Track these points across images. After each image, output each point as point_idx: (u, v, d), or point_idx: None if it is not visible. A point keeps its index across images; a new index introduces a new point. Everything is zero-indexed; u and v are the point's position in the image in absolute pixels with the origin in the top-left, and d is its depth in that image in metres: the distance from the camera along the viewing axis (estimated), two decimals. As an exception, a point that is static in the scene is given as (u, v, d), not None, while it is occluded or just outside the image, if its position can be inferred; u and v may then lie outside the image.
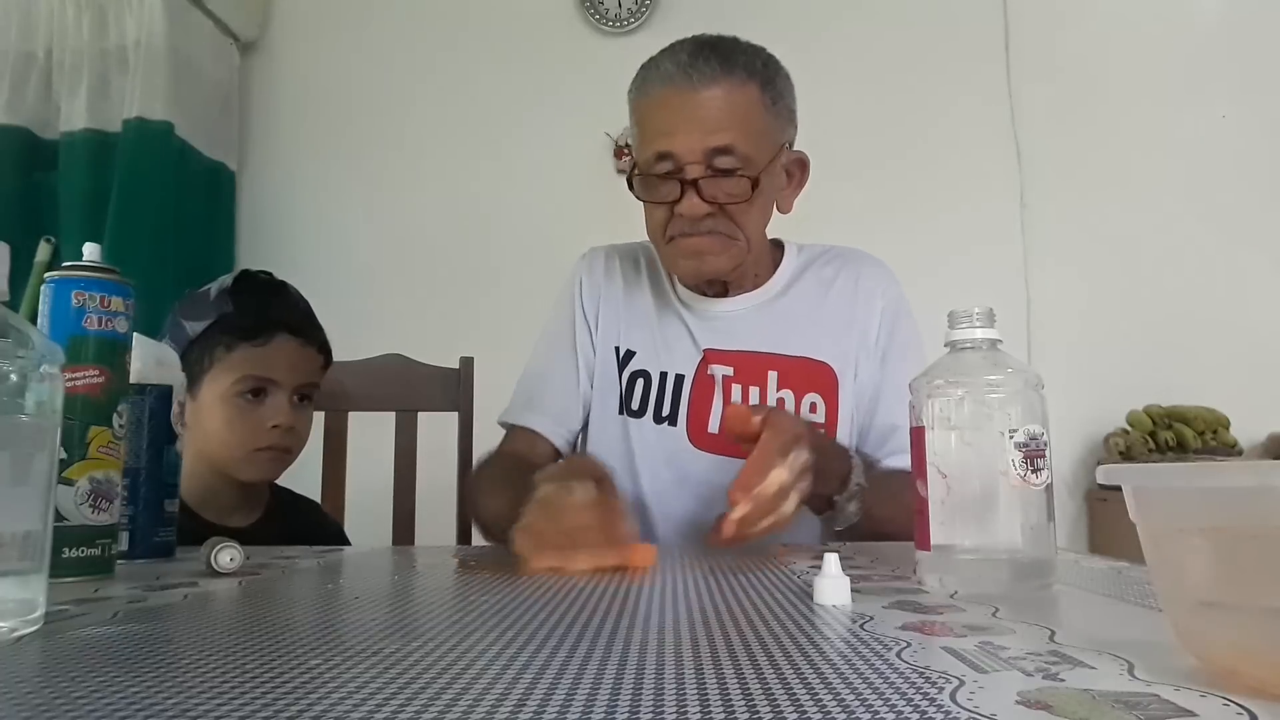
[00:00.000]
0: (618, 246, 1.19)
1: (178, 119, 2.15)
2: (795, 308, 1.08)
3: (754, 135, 0.95)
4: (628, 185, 1.00)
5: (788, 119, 1.02)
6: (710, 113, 0.93)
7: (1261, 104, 2.35)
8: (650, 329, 1.10)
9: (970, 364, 0.59)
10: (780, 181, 1.03)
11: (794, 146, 1.05)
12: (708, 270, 1.01)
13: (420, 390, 1.42)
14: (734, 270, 1.03)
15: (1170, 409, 2.19)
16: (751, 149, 0.95)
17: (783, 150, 1.01)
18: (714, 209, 0.95)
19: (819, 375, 1.05)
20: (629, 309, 1.12)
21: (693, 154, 0.94)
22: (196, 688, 0.33)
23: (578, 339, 1.12)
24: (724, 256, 0.99)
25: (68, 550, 0.63)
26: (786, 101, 1.01)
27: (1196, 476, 0.35)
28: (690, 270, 1.03)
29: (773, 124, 0.99)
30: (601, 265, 1.16)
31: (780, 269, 1.12)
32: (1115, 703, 0.29)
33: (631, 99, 1.01)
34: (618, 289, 1.14)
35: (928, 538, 0.58)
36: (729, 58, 0.96)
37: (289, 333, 1.10)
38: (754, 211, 0.99)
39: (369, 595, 0.60)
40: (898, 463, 1.00)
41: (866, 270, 1.10)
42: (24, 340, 0.46)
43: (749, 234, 1.00)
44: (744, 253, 1.01)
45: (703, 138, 0.93)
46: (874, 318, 1.06)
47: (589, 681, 0.33)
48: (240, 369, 1.07)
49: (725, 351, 1.06)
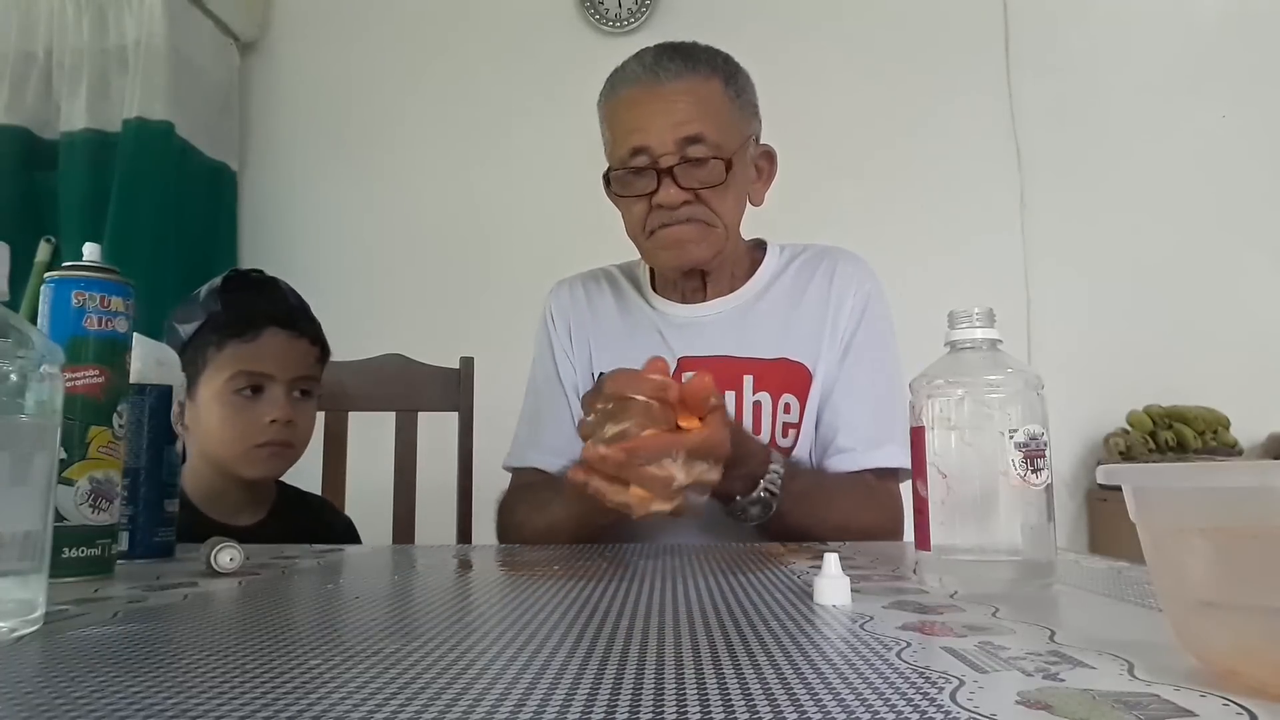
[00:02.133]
0: (582, 274, 1.22)
1: (178, 119, 2.15)
2: (772, 309, 1.09)
3: (722, 124, 1.00)
4: (604, 186, 1.04)
5: (751, 113, 1.06)
6: (679, 105, 0.98)
7: (1262, 103, 2.35)
8: (623, 348, 1.10)
9: (970, 364, 0.59)
10: (750, 174, 1.07)
11: (761, 140, 1.08)
12: (689, 259, 1.03)
13: (420, 390, 1.42)
14: (714, 258, 1.04)
15: (1170, 409, 2.19)
16: (721, 137, 0.99)
17: (749, 142, 1.05)
18: (690, 196, 0.99)
19: (795, 376, 1.05)
20: (601, 332, 1.14)
21: (665, 145, 0.98)
22: (196, 688, 0.33)
23: (561, 372, 1.14)
24: (704, 244, 1.02)
25: (68, 550, 0.63)
26: (749, 97, 1.06)
27: (1196, 476, 0.35)
28: (671, 260, 1.05)
29: (738, 115, 1.03)
30: (567, 296, 1.19)
31: (760, 271, 1.12)
32: (1115, 703, 0.29)
33: (601, 104, 1.06)
34: (585, 316, 1.16)
35: (928, 538, 0.58)
36: (691, 56, 1.01)
37: (277, 325, 1.10)
38: (729, 198, 1.01)
39: (369, 595, 0.60)
40: (839, 464, 1.01)
41: (841, 267, 1.10)
42: (24, 340, 0.46)
43: (726, 221, 1.02)
44: (722, 240, 1.03)
45: (674, 129, 0.97)
46: (844, 314, 1.07)
47: (589, 681, 0.33)
48: (232, 365, 1.07)
49: (699, 358, 1.06)
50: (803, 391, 1.05)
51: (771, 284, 1.11)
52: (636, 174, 1.00)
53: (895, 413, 1.01)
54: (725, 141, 0.99)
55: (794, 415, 1.04)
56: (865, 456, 1.00)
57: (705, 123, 0.98)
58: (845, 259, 1.12)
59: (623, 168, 1.01)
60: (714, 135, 0.98)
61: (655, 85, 0.99)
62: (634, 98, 1.00)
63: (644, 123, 0.99)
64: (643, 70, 1.00)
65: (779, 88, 2.31)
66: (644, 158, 0.99)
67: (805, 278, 1.10)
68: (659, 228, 1.01)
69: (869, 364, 1.05)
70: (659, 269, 1.12)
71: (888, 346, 1.08)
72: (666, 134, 0.97)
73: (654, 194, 0.99)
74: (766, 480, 0.86)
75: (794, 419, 1.04)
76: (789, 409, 1.04)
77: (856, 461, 1.00)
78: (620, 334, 1.13)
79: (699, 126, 0.97)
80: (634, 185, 1.01)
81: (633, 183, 1.01)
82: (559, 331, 1.16)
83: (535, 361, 1.19)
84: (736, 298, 1.11)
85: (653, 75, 0.99)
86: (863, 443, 1.00)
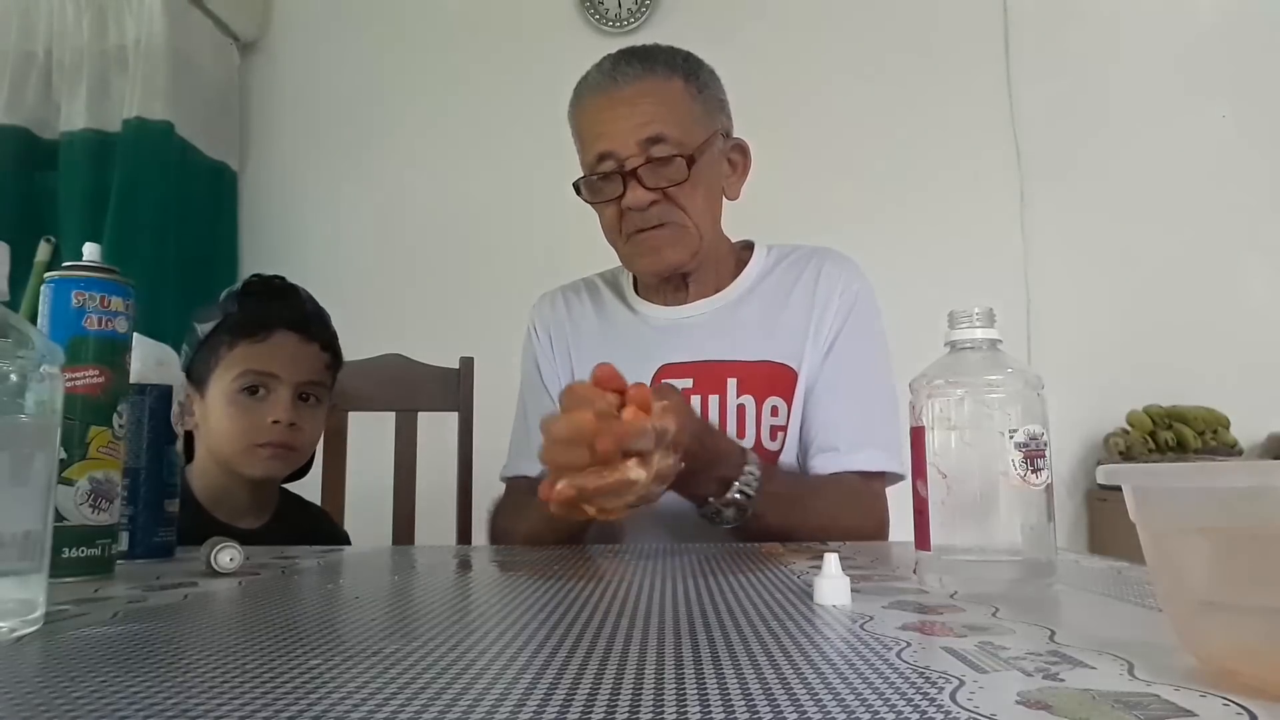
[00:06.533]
0: (563, 286, 1.23)
1: (178, 119, 2.15)
2: (757, 311, 1.08)
3: (683, 123, 1.00)
4: (576, 193, 1.04)
5: (717, 108, 1.07)
6: (638, 108, 0.99)
7: (1262, 104, 2.35)
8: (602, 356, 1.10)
9: (970, 364, 0.59)
10: (722, 169, 1.07)
11: (731, 135, 1.08)
12: (666, 263, 1.04)
13: (420, 390, 1.42)
14: (692, 259, 1.05)
15: (1170, 409, 2.19)
16: (683, 135, 1.00)
17: (717, 137, 1.05)
18: (658, 196, 1.00)
19: (780, 378, 1.04)
20: (581, 342, 1.15)
21: (628, 148, 0.99)
22: (196, 688, 0.33)
23: (545, 382, 1.15)
24: (680, 247, 1.03)
25: (68, 550, 0.63)
26: (713, 92, 1.06)
27: (1196, 476, 0.35)
28: (650, 266, 1.05)
29: (700, 112, 1.03)
30: (549, 308, 1.20)
31: (745, 271, 1.12)
32: (1115, 703, 0.29)
33: (569, 115, 1.07)
34: (565, 326, 1.16)
35: (928, 538, 0.58)
36: (649, 58, 1.03)
37: (289, 329, 1.11)
38: (698, 196, 1.02)
39: (369, 595, 0.60)
40: (821, 464, 1.00)
41: (828, 268, 1.09)
42: (24, 340, 0.46)
43: (697, 220, 1.02)
44: (696, 240, 1.03)
45: (635, 130, 0.99)
46: (829, 314, 1.06)
47: (589, 681, 0.33)
48: (240, 364, 1.09)
49: (682, 364, 1.06)
50: (789, 393, 1.04)
51: (757, 284, 1.11)
52: (604, 179, 1.01)
53: (880, 414, 1.01)
54: (688, 139, 1.00)
55: (781, 418, 1.03)
56: (847, 458, 0.99)
57: (666, 122, 0.99)
58: (833, 259, 1.11)
59: (591, 174, 1.02)
60: (676, 134, 0.99)
61: (615, 90, 1.00)
62: (596, 104, 1.02)
63: (606, 128, 1.00)
64: (602, 76, 1.02)
65: (778, 87, 2.33)
66: (610, 162, 1.00)
67: (792, 278, 1.10)
68: (634, 233, 1.02)
69: (853, 364, 1.04)
70: (638, 275, 1.13)
71: (874, 348, 1.07)
72: (629, 136, 0.98)
73: (622, 197, 1.00)
74: (741, 482, 0.84)
75: (781, 422, 1.03)
76: (776, 412, 1.03)
77: (838, 463, 0.99)
78: (600, 342, 1.13)
79: (660, 127, 0.98)
80: (603, 190, 1.02)
81: (601, 188, 1.02)
82: (542, 344, 1.17)
83: (522, 374, 1.20)
84: (721, 298, 1.10)
85: (611, 80, 1.01)
86: (845, 443, 1.00)
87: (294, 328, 1.12)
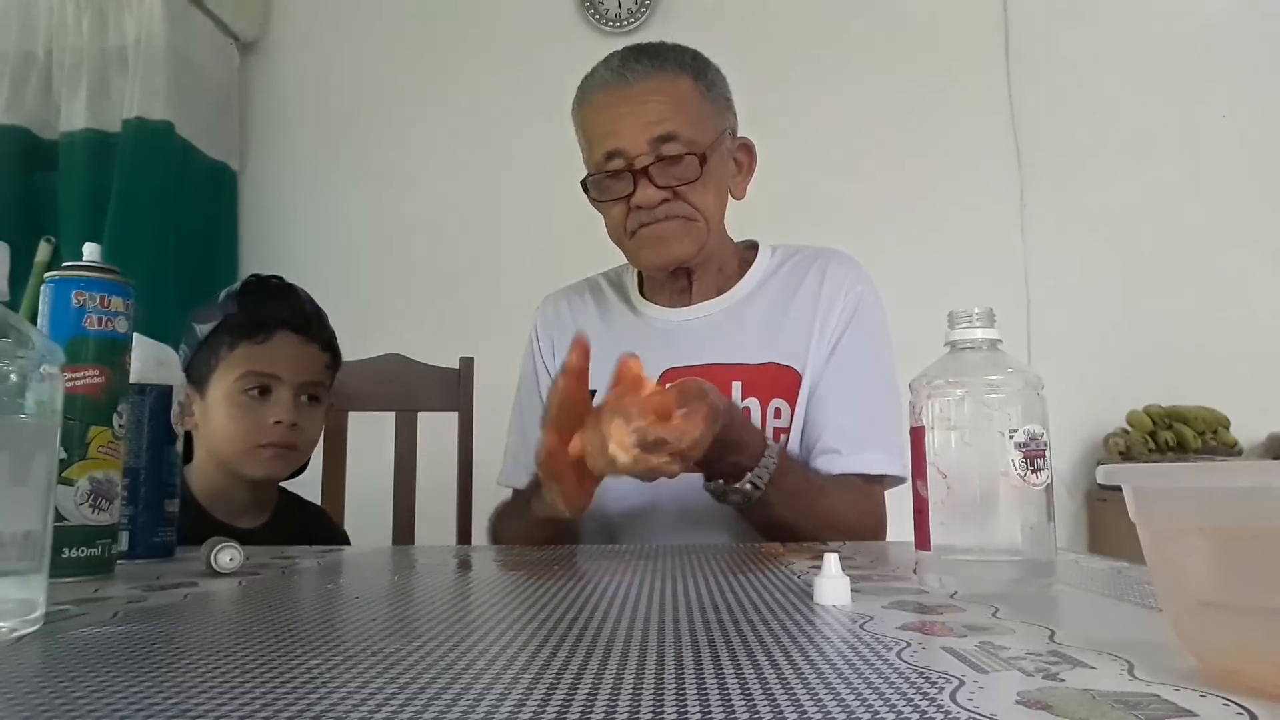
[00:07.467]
0: (566, 287, 1.22)
1: (178, 119, 2.15)
2: (761, 312, 1.08)
3: (693, 121, 1.00)
4: (583, 191, 1.04)
5: (725, 107, 1.06)
6: (649, 106, 0.99)
7: (1262, 104, 2.35)
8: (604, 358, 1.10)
9: (970, 364, 0.59)
10: (729, 168, 1.06)
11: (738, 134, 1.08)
12: (672, 255, 1.03)
13: (420, 390, 1.42)
14: (698, 253, 1.04)
15: (1170, 409, 2.19)
16: (693, 133, 0.99)
17: (725, 136, 1.04)
18: (668, 194, 0.99)
19: (784, 380, 1.04)
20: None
21: (639, 145, 0.98)
22: (196, 688, 0.33)
23: (542, 388, 1.14)
24: (686, 240, 1.02)
25: (68, 550, 0.63)
26: (720, 91, 1.06)
27: (1196, 476, 0.35)
28: (655, 258, 1.04)
29: (710, 110, 1.03)
30: (552, 311, 1.19)
31: (750, 272, 1.11)
32: (1115, 703, 0.29)
33: (574, 112, 1.06)
34: (569, 329, 1.15)
35: (928, 538, 0.58)
36: (658, 55, 1.02)
37: (290, 329, 1.12)
38: (708, 193, 1.01)
39: (369, 595, 0.60)
40: (824, 465, 1.00)
41: (832, 269, 1.09)
42: (24, 340, 0.46)
43: (706, 214, 1.02)
44: (704, 234, 1.03)
45: (646, 129, 0.98)
46: (834, 315, 1.05)
47: (589, 681, 0.33)
48: (242, 365, 1.09)
49: (686, 368, 1.05)
50: (792, 395, 1.03)
51: (761, 286, 1.10)
52: (613, 177, 1.00)
53: (883, 417, 1.01)
54: (699, 137, 0.99)
55: (784, 419, 1.03)
56: (850, 460, 0.99)
57: (677, 120, 0.98)
58: (838, 260, 1.10)
59: (599, 172, 1.01)
60: (687, 132, 0.98)
61: (624, 87, 0.99)
62: (604, 102, 1.01)
63: (616, 126, 0.99)
64: (611, 74, 1.01)
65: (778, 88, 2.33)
66: (619, 160, 0.99)
67: (796, 279, 1.09)
68: (640, 227, 1.01)
69: (857, 366, 1.04)
70: (643, 269, 1.12)
71: (878, 350, 1.06)
72: (639, 135, 0.98)
73: (631, 196, 0.99)
74: (753, 475, 0.85)
75: (784, 423, 1.03)
76: (779, 414, 1.03)
77: (840, 465, 0.99)
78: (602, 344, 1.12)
79: (671, 125, 0.98)
80: (611, 189, 1.01)
81: (610, 186, 1.01)
82: (543, 348, 1.17)
83: (520, 377, 1.19)
84: (725, 300, 1.10)
85: (621, 78, 1.00)
86: (848, 445, 0.99)
87: (295, 328, 1.12)
